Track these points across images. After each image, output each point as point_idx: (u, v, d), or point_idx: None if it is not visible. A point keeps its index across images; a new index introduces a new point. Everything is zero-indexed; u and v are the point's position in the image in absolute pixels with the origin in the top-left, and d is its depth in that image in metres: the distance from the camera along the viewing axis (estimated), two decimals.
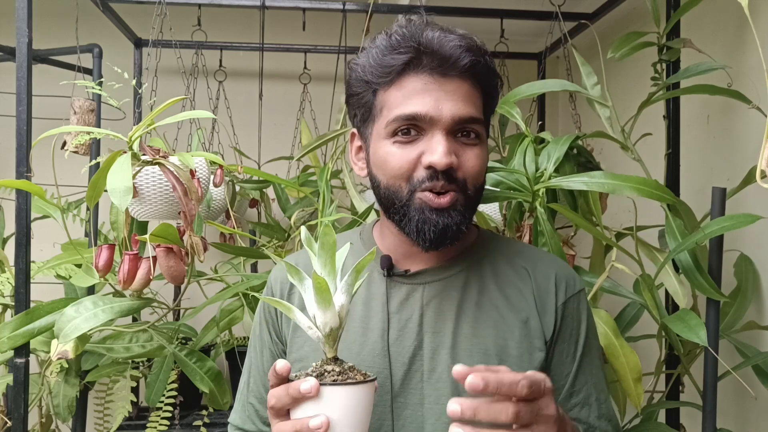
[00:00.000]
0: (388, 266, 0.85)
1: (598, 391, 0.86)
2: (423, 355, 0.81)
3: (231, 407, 1.54)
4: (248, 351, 0.96)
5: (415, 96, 0.77)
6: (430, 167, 0.77)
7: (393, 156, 0.79)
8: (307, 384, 0.64)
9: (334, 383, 0.65)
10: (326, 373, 0.67)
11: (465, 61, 0.77)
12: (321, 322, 0.68)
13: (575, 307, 0.86)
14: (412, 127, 0.78)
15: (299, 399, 0.65)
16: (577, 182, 1.10)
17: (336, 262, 0.69)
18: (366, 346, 0.83)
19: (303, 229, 0.72)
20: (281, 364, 0.67)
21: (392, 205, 0.81)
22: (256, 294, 1.43)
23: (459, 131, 0.79)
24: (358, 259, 0.89)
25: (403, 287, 0.85)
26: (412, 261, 0.86)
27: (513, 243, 0.93)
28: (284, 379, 0.68)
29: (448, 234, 0.78)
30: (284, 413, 0.68)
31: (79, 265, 1.43)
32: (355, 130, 0.89)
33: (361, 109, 0.84)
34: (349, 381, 0.66)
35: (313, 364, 0.69)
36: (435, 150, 0.76)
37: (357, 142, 0.88)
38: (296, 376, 0.68)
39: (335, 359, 0.69)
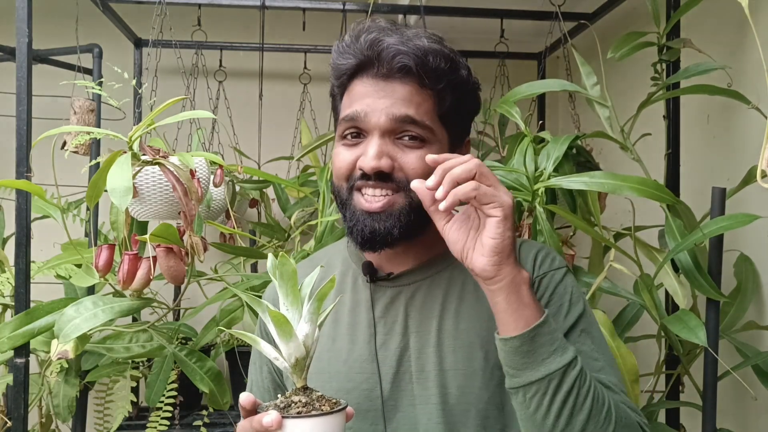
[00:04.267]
0: (371, 272, 0.85)
1: (592, 359, 0.80)
2: (410, 356, 0.81)
3: (231, 407, 1.55)
4: (250, 366, 0.96)
5: (357, 99, 0.80)
6: (361, 170, 0.78)
7: (337, 157, 0.82)
8: (269, 418, 0.63)
9: (298, 416, 0.65)
10: (293, 404, 0.67)
11: (396, 65, 0.77)
12: (285, 354, 0.67)
13: (553, 281, 0.83)
14: (358, 130, 0.80)
15: None
16: (577, 182, 1.10)
17: (304, 289, 0.69)
18: (354, 352, 0.83)
19: (270, 257, 0.71)
20: (244, 398, 0.67)
21: (338, 204, 0.84)
22: (256, 294, 1.43)
23: (400, 134, 0.79)
24: (346, 266, 0.90)
25: (388, 290, 0.85)
26: (395, 263, 0.86)
27: None
28: (251, 412, 0.67)
29: (376, 238, 0.79)
30: None
31: (79, 265, 1.43)
32: None
33: (334, 112, 0.88)
34: (313, 413, 0.65)
35: (279, 396, 0.69)
36: (367, 152, 0.78)
37: None
38: (266, 406, 0.67)
39: (304, 389, 0.69)
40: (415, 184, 0.71)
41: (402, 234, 0.79)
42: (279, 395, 0.70)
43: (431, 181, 0.69)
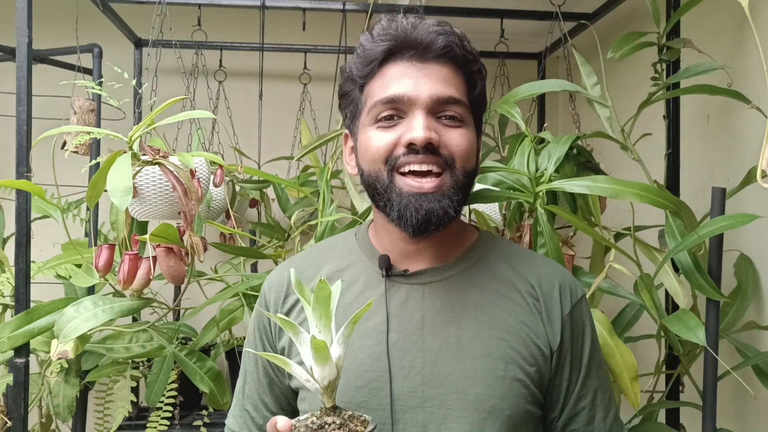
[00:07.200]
0: (387, 266, 0.83)
1: (603, 391, 0.87)
2: (425, 358, 0.80)
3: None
4: (243, 356, 0.95)
5: (394, 81, 0.79)
6: (409, 144, 0.77)
7: (373, 140, 0.80)
8: None
9: None
10: (326, 426, 0.67)
11: (440, 44, 0.78)
12: (319, 377, 0.68)
13: (579, 314, 0.86)
14: (393, 113, 0.79)
15: None
16: (579, 186, 1.10)
17: (331, 309, 0.69)
18: (364, 349, 0.81)
19: (292, 272, 0.72)
20: (282, 422, 0.67)
21: (375, 191, 0.81)
22: (255, 293, 1.43)
23: (440, 113, 0.79)
24: (355, 258, 0.88)
25: (402, 287, 0.83)
26: (411, 260, 0.84)
27: (513, 246, 0.92)
28: None
29: (432, 219, 0.77)
30: None
31: (79, 265, 1.43)
32: (347, 131, 0.89)
33: (350, 106, 0.85)
34: None
35: (310, 416, 0.69)
36: (414, 127, 0.77)
37: (349, 143, 0.89)
38: (295, 427, 0.68)
39: (334, 408, 0.69)
40: None
41: (456, 213, 0.80)
42: (308, 414, 0.70)
43: None
